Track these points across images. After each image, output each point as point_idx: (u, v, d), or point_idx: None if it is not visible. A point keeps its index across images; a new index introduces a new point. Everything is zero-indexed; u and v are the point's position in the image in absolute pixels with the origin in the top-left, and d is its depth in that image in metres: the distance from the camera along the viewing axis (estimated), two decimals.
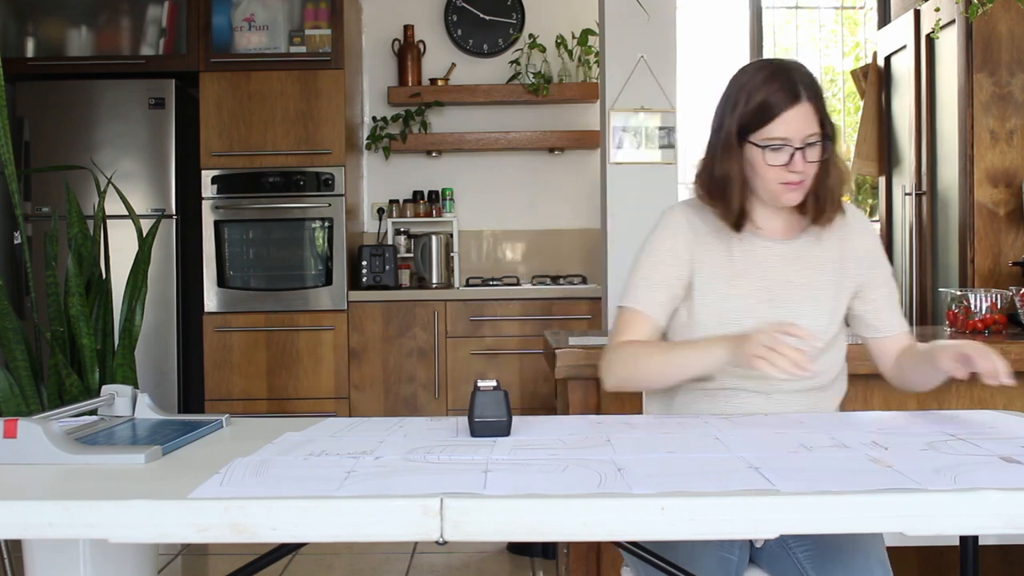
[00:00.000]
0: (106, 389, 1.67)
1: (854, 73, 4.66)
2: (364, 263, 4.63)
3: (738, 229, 1.83)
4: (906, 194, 4.14)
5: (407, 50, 4.94)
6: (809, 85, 1.74)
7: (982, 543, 1.77)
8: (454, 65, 5.01)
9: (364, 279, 4.63)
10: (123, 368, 2.87)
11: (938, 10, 3.60)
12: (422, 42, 4.99)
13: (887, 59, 4.41)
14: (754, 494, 1.12)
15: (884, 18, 4.89)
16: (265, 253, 4.55)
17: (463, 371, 4.52)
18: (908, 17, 4.11)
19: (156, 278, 4.16)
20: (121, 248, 3.26)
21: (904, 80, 4.20)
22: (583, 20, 4.81)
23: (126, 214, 3.05)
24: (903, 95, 4.22)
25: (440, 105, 4.92)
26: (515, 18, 5.03)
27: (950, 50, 3.73)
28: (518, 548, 3.51)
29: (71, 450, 1.33)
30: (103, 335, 2.87)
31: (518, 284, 4.82)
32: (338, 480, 1.19)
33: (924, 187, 4.03)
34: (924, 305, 4.00)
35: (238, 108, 4.51)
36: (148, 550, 1.60)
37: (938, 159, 3.94)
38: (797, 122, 1.72)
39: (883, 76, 4.44)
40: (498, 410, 1.49)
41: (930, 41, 3.91)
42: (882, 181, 4.49)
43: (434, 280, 4.77)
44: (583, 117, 5.02)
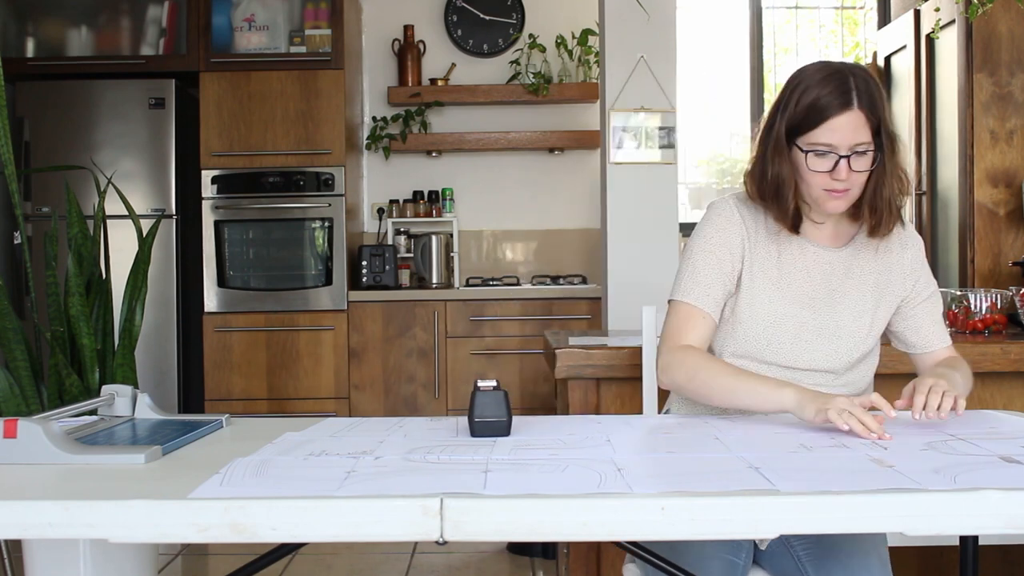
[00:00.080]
0: (106, 389, 1.67)
1: None
2: (364, 263, 4.63)
3: (796, 231, 1.77)
4: None
5: (407, 50, 4.94)
6: (865, 92, 1.65)
7: (982, 543, 1.77)
8: (454, 65, 5.01)
9: (364, 279, 4.63)
10: (123, 368, 2.87)
11: (938, 10, 3.60)
12: (422, 42, 4.99)
13: (887, 59, 4.41)
14: (754, 494, 1.12)
15: (884, 18, 4.89)
16: (265, 253, 4.55)
17: (463, 371, 4.52)
18: (908, 17, 4.11)
19: (156, 278, 4.16)
20: (121, 248, 3.26)
21: (904, 80, 4.20)
22: (583, 20, 4.81)
23: (126, 214, 3.05)
24: (903, 95, 4.22)
25: (440, 105, 4.92)
26: (515, 18, 5.03)
27: (950, 50, 3.73)
28: (518, 548, 3.51)
29: (71, 450, 1.33)
30: (103, 335, 2.87)
31: (518, 284, 4.82)
32: (338, 480, 1.19)
33: (924, 187, 4.03)
34: None
35: (238, 108, 4.51)
36: (148, 550, 1.61)
37: (938, 159, 3.94)
38: (845, 129, 1.64)
39: (883, 76, 4.44)
40: (498, 410, 1.49)
41: (930, 41, 3.91)
42: None
43: (434, 280, 4.77)
44: (583, 117, 5.02)
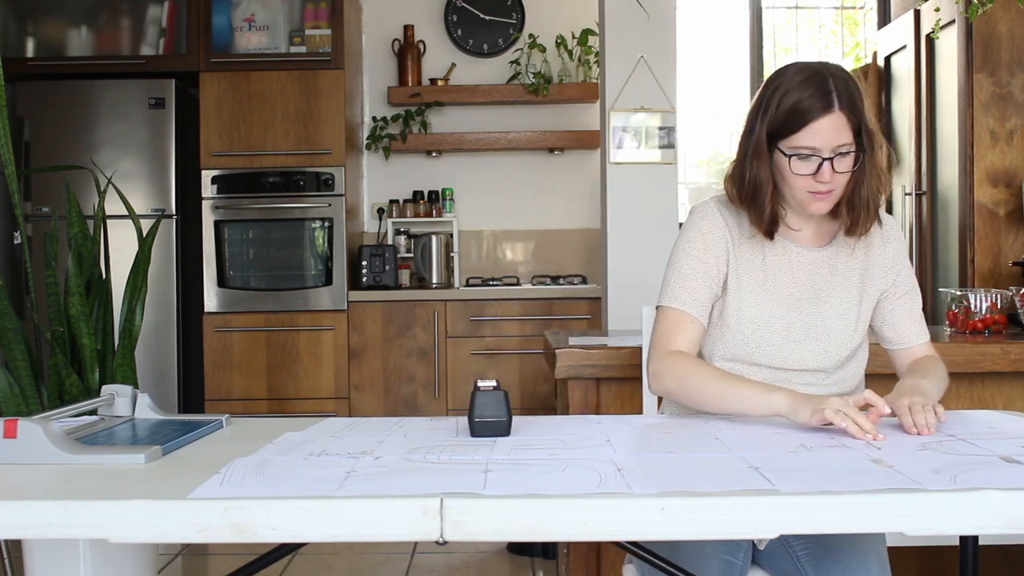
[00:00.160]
0: (106, 389, 1.67)
1: (854, 73, 4.66)
2: (364, 263, 4.63)
3: (770, 237, 1.78)
4: (906, 194, 4.14)
5: (407, 50, 4.94)
6: (845, 92, 1.67)
7: (982, 543, 1.77)
8: (454, 65, 5.01)
9: (364, 279, 4.63)
10: (123, 368, 2.87)
11: (938, 10, 3.59)
12: (422, 42, 4.99)
13: (887, 59, 4.41)
14: (754, 494, 1.12)
15: (884, 18, 4.89)
16: (265, 253, 4.55)
17: (463, 371, 4.52)
18: (908, 17, 4.11)
19: (156, 278, 4.16)
20: (121, 248, 3.26)
21: (904, 80, 4.20)
22: (583, 20, 4.81)
23: (126, 214, 3.05)
24: (903, 95, 4.22)
25: (440, 105, 4.92)
26: (515, 18, 5.03)
27: (950, 50, 3.73)
28: (518, 548, 3.51)
29: (71, 450, 1.33)
30: (103, 335, 2.87)
31: (518, 284, 4.82)
32: (338, 480, 1.19)
33: (924, 187, 4.03)
34: (924, 305, 3.99)
35: (238, 108, 4.51)
36: (148, 550, 1.61)
37: (938, 159, 3.93)
38: (828, 132, 1.65)
39: (883, 76, 4.44)
40: (498, 410, 1.49)
41: (930, 41, 3.91)
42: None
43: (434, 280, 4.77)
44: (583, 117, 5.02)
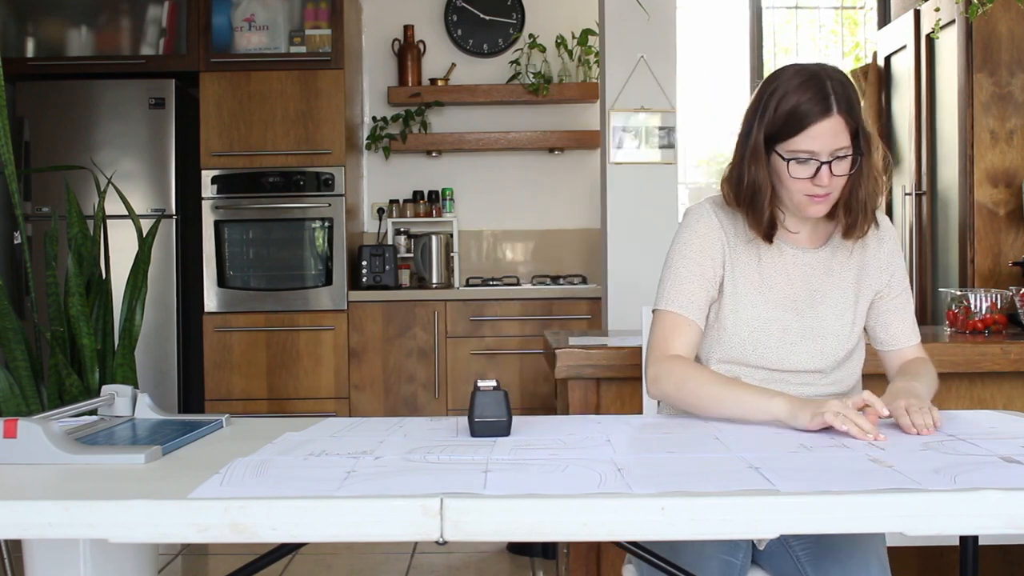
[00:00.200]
0: (106, 389, 1.67)
1: (854, 73, 4.66)
2: (364, 263, 4.63)
3: (769, 241, 1.77)
4: (906, 194, 4.14)
5: (407, 50, 4.94)
6: (843, 96, 1.66)
7: (982, 543, 1.77)
8: (454, 65, 5.01)
9: (364, 279, 4.63)
10: (123, 368, 2.87)
11: (938, 10, 3.59)
12: (422, 42, 4.99)
13: (887, 59, 4.41)
14: (754, 494, 1.12)
15: (884, 18, 4.89)
16: (265, 253, 4.55)
17: (463, 371, 4.52)
18: (908, 17, 4.11)
19: (156, 278, 4.16)
20: (121, 248, 3.26)
21: (904, 80, 4.20)
22: (583, 20, 4.81)
23: (126, 214, 3.05)
24: (903, 95, 4.22)
25: (440, 105, 4.92)
26: (515, 18, 5.03)
27: (950, 50, 3.73)
28: (518, 548, 3.51)
29: (71, 450, 1.33)
30: (103, 335, 2.87)
31: (518, 284, 4.82)
32: (338, 480, 1.19)
33: (924, 187, 4.03)
34: (924, 305, 4.00)
35: (238, 108, 4.51)
36: (148, 550, 1.61)
37: (938, 159, 3.93)
38: (826, 136, 1.64)
39: (883, 76, 4.44)
40: (498, 410, 1.49)
41: (930, 41, 3.91)
42: None
43: (434, 280, 4.77)
44: (583, 117, 5.02)
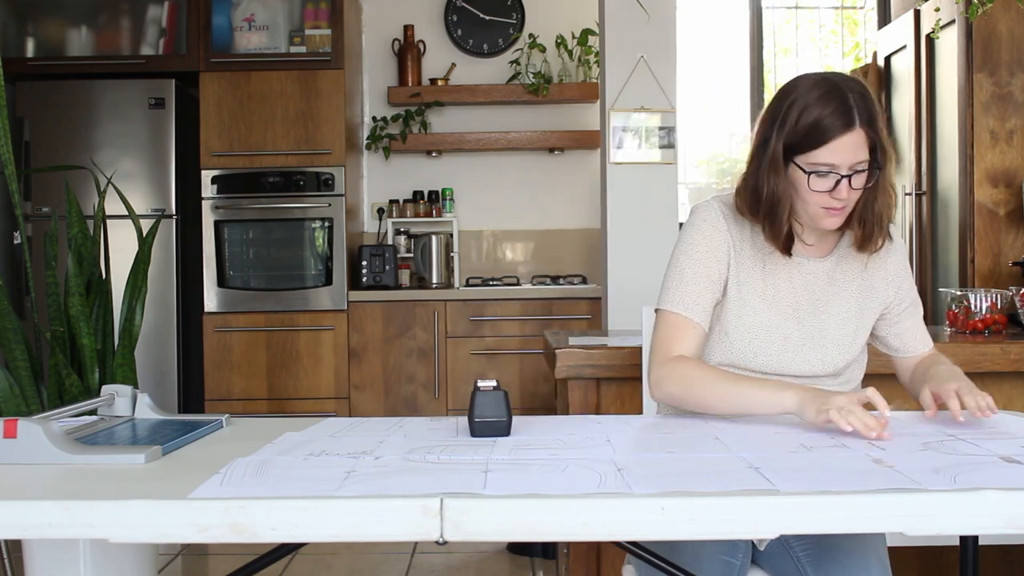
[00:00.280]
0: (106, 389, 1.67)
1: (854, 73, 4.66)
2: (364, 263, 4.63)
3: (788, 253, 1.75)
4: (906, 194, 4.14)
5: (407, 50, 4.94)
6: (864, 109, 1.63)
7: (982, 543, 1.77)
8: (454, 65, 5.01)
9: (364, 279, 4.63)
10: (123, 368, 2.87)
11: (938, 10, 3.59)
12: (422, 42, 4.99)
13: (887, 59, 4.41)
14: (754, 494, 1.12)
15: (884, 18, 4.89)
16: (265, 253, 4.55)
17: (463, 371, 4.52)
18: (908, 17, 4.11)
19: (156, 278, 4.16)
20: (121, 248, 3.26)
21: (904, 80, 4.20)
22: (583, 20, 4.81)
23: (126, 214, 3.05)
24: (903, 95, 4.22)
25: (440, 105, 4.92)
26: (515, 18, 5.03)
27: (950, 50, 3.73)
28: (518, 548, 3.51)
29: (71, 450, 1.33)
30: (103, 335, 2.87)
31: (518, 284, 4.82)
32: (338, 480, 1.19)
33: (924, 187, 4.03)
34: (924, 305, 3.99)
35: (238, 108, 4.51)
36: (148, 550, 1.61)
37: (938, 159, 3.93)
38: (847, 150, 1.62)
39: (883, 76, 4.44)
40: (498, 410, 1.49)
41: (930, 41, 3.91)
42: None
43: (434, 280, 4.77)
44: (583, 117, 5.02)
